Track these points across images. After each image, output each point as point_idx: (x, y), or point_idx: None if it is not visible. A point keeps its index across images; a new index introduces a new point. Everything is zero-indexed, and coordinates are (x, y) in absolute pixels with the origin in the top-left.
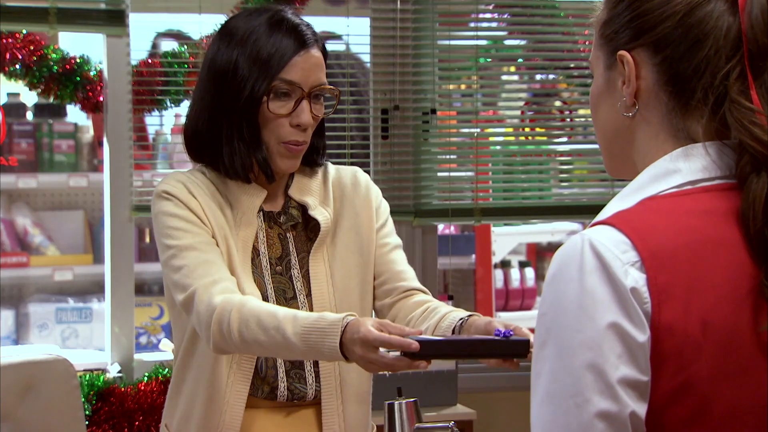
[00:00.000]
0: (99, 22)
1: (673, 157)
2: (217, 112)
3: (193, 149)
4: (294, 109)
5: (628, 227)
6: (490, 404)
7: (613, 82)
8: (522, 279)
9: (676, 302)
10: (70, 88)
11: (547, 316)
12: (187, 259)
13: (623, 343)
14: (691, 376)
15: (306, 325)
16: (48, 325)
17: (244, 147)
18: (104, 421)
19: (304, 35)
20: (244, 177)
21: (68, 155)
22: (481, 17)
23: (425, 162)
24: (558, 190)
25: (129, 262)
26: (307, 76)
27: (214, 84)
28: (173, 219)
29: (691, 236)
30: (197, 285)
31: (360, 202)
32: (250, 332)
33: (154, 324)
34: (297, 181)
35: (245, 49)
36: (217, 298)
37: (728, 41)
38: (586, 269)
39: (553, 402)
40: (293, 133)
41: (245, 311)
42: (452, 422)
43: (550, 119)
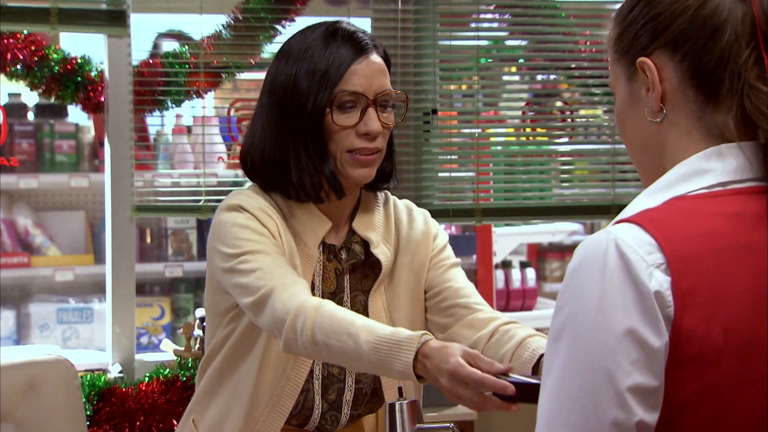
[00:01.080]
0: (100, 22)
1: (705, 156)
2: (283, 133)
3: (262, 176)
4: (361, 118)
5: (655, 228)
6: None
7: (637, 92)
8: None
9: (699, 308)
10: (71, 89)
11: (564, 311)
12: (261, 263)
13: (639, 349)
14: (710, 382)
15: (381, 336)
16: (49, 326)
17: (311, 163)
18: (105, 422)
19: (362, 42)
20: (315, 196)
21: (69, 155)
22: (482, 17)
23: (426, 162)
24: (559, 190)
25: (130, 263)
26: (370, 83)
27: (277, 104)
28: (244, 230)
29: (719, 240)
30: (276, 284)
31: (417, 238)
32: (323, 334)
33: (155, 324)
34: (361, 214)
35: (303, 64)
36: (298, 297)
37: (745, 27)
38: (608, 269)
39: (560, 398)
40: (362, 142)
41: (323, 312)
42: (452, 423)
43: (551, 120)
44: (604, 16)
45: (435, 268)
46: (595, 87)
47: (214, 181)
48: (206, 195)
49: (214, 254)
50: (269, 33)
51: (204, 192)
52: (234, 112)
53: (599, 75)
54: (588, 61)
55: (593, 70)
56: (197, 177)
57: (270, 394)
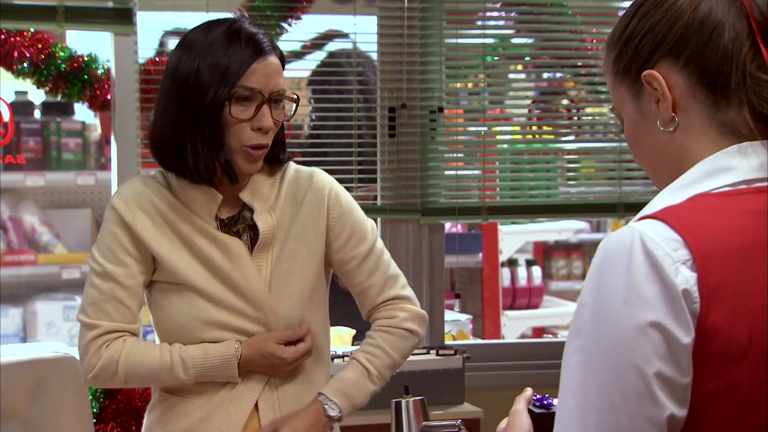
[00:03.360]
0: (107, 20)
1: (728, 154)
2: (181, 118)
3: (160, 156)
4: (255, 113)
5: (680, 224)
6: (497, 402)
7: (646, 107)
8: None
9: (724, 305)
10: (78, 87)
11: (588, 307)
12: (101, 287)
13: (666, 343)
14: (734, 379)
15: (198, 364)
16: (55, 323)
17: (206, 150)
18: (112, 419)
19: (261, 43)
20: (209, 180)
21: (76, 153)
22: (489, 15)
23: (432, 160)
24: (565, 188)
25: None
26: (266, 82)
27: (177, 92)
28: (109, 236)
29: (745, 238)
30: (92, 322)
31: (310, 209)
32: (138, 380)
33: None
34: (251, 184)
35: (206, 57)
36: (102, 352)
37: (742, 22)
38: (634, 265)
39: (586, 396)
40: (255, 137)
41: (132, 360)
42: (459, 420)
43: (557, 118)
44: (611, 14)
45: (345, 263)
46: (602, 85)
47: None
48: None
49: None
50: (276, 31)
51: None
52: None
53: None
54: (594, 59)
55: (600, 68)
56: None
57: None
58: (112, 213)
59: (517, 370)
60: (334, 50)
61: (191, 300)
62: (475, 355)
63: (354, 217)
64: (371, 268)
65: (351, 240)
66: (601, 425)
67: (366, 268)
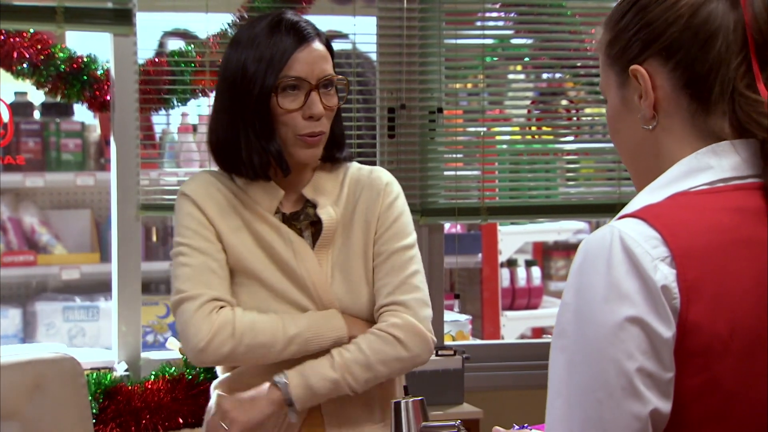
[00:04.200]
0: (106, 21)
1: (704, 153)
2: (234, 115)
3: (219, 157)
4: (305, 101)
5: (659, 222)
6: (496, 403)
7: (629, 99)
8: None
9: (704, 301)
10: (77, 87)
11: (571, 306)
12: (192, 260)
13: (647, 338)
14: (716, 374)
15: (306, 316)
16: (55, 324)
17: (258, 142)
18: (111, 420)
19: (304, 31)
20: (263, 174)
21: (75, 154)
22: (488, 16)
23: (431, 161)
24: (565, 189)
25: (136, 261)
26: (311, 68)
27: (227, 89)
28: (187, 217)
29: (723, 235)
30: (192, 293)
31: (370, 202)
32: (254, 341)
33: (161, 322)
34: (314, 181)
35: (251, 51)
36: (213, 317)
37: (737, 35)
38: (614, 262)
39: (571, 393)
40: (308, 125)
41: (246, 320)
42: (459, 421)
43: (556, 118)
44: None
45: (376, 255)
46: None
47: None
48: None
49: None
50: None
51: None
52: None
53: None
54: (594, 59)
55: (599, 69)
56: None
57: None
58: (183, 198)
59: (516, 370)
60: (334, 51)
61: (253, 290)
62: (474, 355)
63: (400, 216)
64: (391, 268)
65: (387, 233)
66: (586, 422)
67: (387, 267)
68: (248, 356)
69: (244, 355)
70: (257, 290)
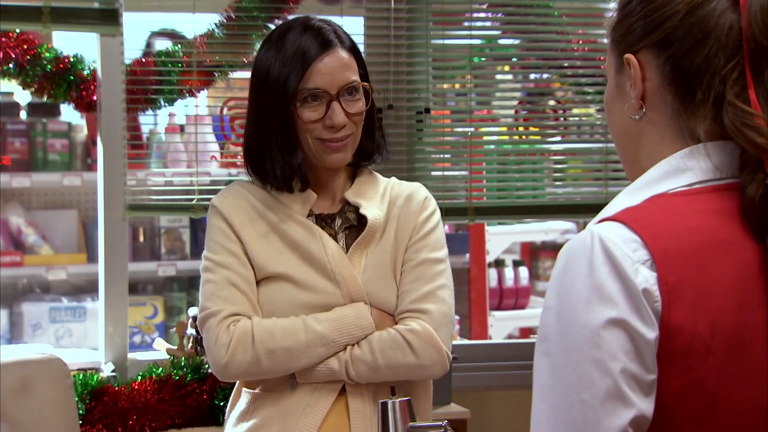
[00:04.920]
0: (92, 21)
1: (682, 156)
2: (259, 122)
3: (249, 163)
4: (326, 112)
5: (639, 225)
6: (484, 403)
7: (623, 85)
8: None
9: (685, 302)
10: (64, 88)
11: (553, 310)
12: (217, 275)
13: (630, 340)
14: (699, 376)
15: (330, 318)
16: (42, 325)
17: (281, 156)
18: (98, 421)
19: (327, 37)
20: (287, 186)
21: (62, 154)
22: (475, 16)
23: (419, 161)
24: (552, 189)
25: (123, 262)
26: (332, 78)
27: (254, 92)
28: (215, 231)
29: (702, 236)
30: (217, 309)
31: (407, 213)
32: (277, 346)
33: (148, 323)
34: (356, 185)
35: (276, 57)
36: (232, 329)
37: (730, 40)
38: (595, 265)
39: (556, 396)
40: (329, 134)
41: (265, 326)
42: (446, 421)
43: (544, 118)
44: (597, 15)
45: (407, 260)
46: (588, 86)
47: (207, 179)
48: (199, 194)
49: None
50: (262, 32)
51: (197, 191)
52: (227, 110)
53: (592, 74)
54: (581, 60)
55: (586, 69)
56: (190, 176)
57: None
58: (213, 211)
59: (504, 370)
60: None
61: (283, 287)
62: (462, 355)
63: (435, 229)
64: (420, 276)
65: (421, 242)
66: (571, 424)
67: (416, 274)
68: (273, 363)
69: (269, 362)
70: (286, 287)
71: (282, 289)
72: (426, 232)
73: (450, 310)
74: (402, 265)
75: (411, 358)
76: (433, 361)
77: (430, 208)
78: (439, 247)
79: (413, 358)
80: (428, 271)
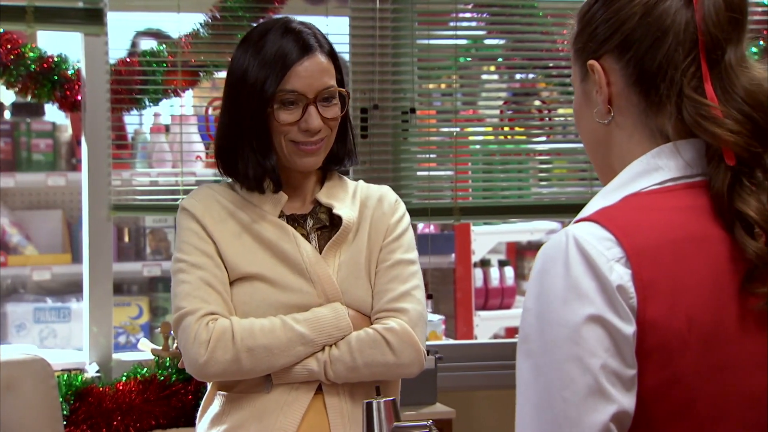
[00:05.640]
0: (77, 20)
1: (653, 155)
2: (233, 122)
3: (221, 165)
4: (302, 116)
5: (613, 224)
6: (469, 403)
7: (589, 92)
8: (501, 278)
9: (661, 298)
10: (48, 87)
11: (532, 311)
12: (191, 276)
13: (609, 336)
14: (677, 371)
15: (308, 318)
16: (26, 325)
17: (254, 157)
18: (82, 421)
19: (307, 42)
20: (258, 187)
21: (46, 154)
22: (461, 17)
23: (404, 161)
24: (537, 189)
25: (107, 262)
26: (310, 82)
27: (230, 91)
28: (187, 232)
29: (675, 232)
30: (191, 307)
31: (380, 214)
32: (256, 345)
33: (133, 323)
34: (327, 188)
35: (255, 58)
36: (211, 326)
37: (687, 35)
38: (571, 264)
39: (538, 396)
40: (303, 137)
41: (245, 324)
42: (430, 421)
43: (529, 118)
44: None
45: (381, 260)
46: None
47: (193, 179)
48: (184, 194)
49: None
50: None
51: (182, 191)
52: (212, 110)
53: None
54: (566, 60)
55: (571, 69)
56: (175, 176)
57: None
58: (183, 213)
59: (489, 370)
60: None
61: (257, 287)
62: (447, 355)
63: (407, 231)
64: (396, 277)
65: (395, 243)
66: (554, 422)
67: (391, 274)
68: (253, 362)
69: (249, 361)
70: (261, 286)
71: (256, 289)
72: (399, 233)
73: (424, 311)
74: (376, 266)
75: (390, 357)
76: (412, 360)
77: (401, 210)
78: (411, 249)
79: (392, 357)
80: (404, 272)
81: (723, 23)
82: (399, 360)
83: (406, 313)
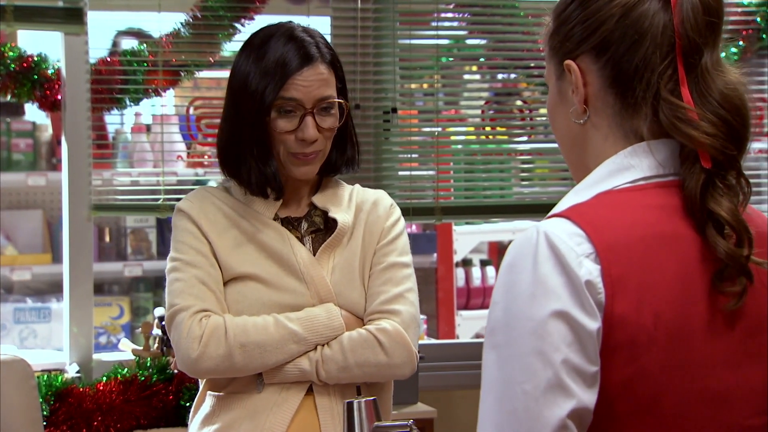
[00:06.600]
0: (57, 20)
1: (626, 154)
2: (236, 126)
3: (223, 165)
4: (299, 125)
5: (583, 220)
6: (451, 402)
7: (564, 91)
8: (483, 277)
9: (629, 294)
10: (28, 87)
11: (499, 305)
12: (185, 274)
13: (572, 331)
14: (643, 367)
15: (301, 317)
16: (6, 325)
17: (255, 163)
18: (62, 422)
19: (309, 51)
20: (260, 192)
21: (26, 154)
22: (442, 17)
23: (386, 161)
24: (519, 188)
25: (88, 262)
26: (309, 92)
27: (231, 97)
28: (183, 233)
29: (646, 230)
30: (184, 304)
31: (375, 218)
32: (249, 341)
33: (114, 324)
34: (323, 191)
35: (256, 65)
36: (204, 322)
37: (665, 38)
38: (540, 259)
39: (500, 389)
40: (299, 147)
41: (238, 321)
42: (411, 420)
43: (511, 118)
44: None
45: (374, 263)
46: None
47: (174, 179)
48: (165, 194)
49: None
50: (228, 31)
51: (163, 191)
52: (193, 110)
53: None
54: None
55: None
56: (156, 176)
57: None
58: (179, 214)
59: (471, 369)
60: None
61: (252, 287)
62: (429, 355)
63: (401, 235)
64: (389, 279)
65: (389, 246)
66: (512, 414)
67: (385, 277)
68: (245, 359)
69: (241, 357)
70: (255, 286)
71: (250, 289)
72: (393, 236)
73: (417, 313)
74: (370, 269)
75: (382, 357)
76: (403, 360)
77: (395, 214)
78: (405, 252)
79: (384, 357)
80: (397, 275)
81: (701, 27)
82: (391, 360)
83: (398, 314)
